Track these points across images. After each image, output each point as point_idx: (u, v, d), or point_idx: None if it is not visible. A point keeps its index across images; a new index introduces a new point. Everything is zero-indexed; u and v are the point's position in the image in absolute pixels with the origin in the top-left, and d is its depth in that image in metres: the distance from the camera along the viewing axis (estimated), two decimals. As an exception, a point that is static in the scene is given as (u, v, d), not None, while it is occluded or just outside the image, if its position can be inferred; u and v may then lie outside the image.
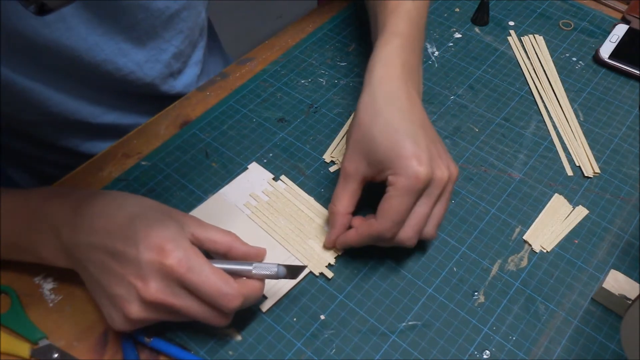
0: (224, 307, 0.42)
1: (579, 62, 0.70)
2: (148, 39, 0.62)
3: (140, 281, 0.42)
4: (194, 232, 0.45)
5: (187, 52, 0.69)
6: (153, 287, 0.41)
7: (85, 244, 0.44)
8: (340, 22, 0.75)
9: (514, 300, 0.50)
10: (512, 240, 0.54)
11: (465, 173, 0.59)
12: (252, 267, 0.45)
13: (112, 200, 0.46)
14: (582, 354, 0.48)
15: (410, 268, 0.52)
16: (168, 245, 0.42)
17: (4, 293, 0.50)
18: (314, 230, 0.54)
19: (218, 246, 0.46)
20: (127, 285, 0.42)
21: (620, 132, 0.63)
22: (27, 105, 0.58)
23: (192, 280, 0.42)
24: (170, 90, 0.69)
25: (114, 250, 0.43)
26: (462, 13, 0.76)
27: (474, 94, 0.67)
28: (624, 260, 0.53)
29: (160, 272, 0.42)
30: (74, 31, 0.55)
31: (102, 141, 0.68)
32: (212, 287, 0.42)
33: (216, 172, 0.59)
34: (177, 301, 0.42)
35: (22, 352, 0.47)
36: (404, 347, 0.48)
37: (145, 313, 0.42)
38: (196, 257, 0.42)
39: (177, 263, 0.41)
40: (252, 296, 0.44)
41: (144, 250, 0.42)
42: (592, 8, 0.77)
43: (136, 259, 0.42)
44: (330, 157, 0.60)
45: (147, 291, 0.41)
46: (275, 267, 0.45)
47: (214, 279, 0.42)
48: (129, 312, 0.42)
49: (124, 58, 0.61)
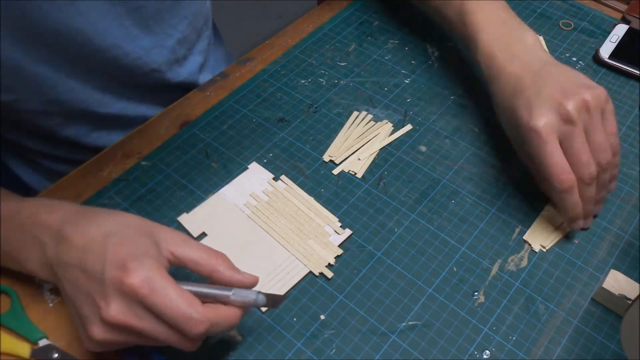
0: (188, 332, 0.40)
1: (579, 62, 0.70)
2: (155, 23, 0.63)
3: (103, 300, 0.40)
4: (174, 251, 0.43)
5: (191, 38, 0.69)
6: (113, 308, 0.39)
7: (64, 262, 0.42)
8: (340, 22, 0.75)
9: (514, 300, 0.50)
10: (512, 240, 0.54)
11: (465, 173, 0.59)
12: (231, 293, 0.42)
13: (94, 217, 0.44)
14: (582, 354, 0.48)
15: (410, 268, 0.52)
16: (131, 263, 0.40)
17: (4, 293, 0.50)
18: (313, 230, 0.54)
19: (200, 268, 0.43)
20: (93, 304, 0.40)
21: (620, 132, 0.63)
22: (36, 91, 0.58)
23: (153, 302, 0.39)
24: (175, 77, 0.69)
25: (84, 267, 0.41)
26: (462, 13, 0.76)
27: (474, 94, 0.67)
28: (624, 260, 0.53)
29: (121, 291, 0.39)
30: (85, 15, 0.55)
31: (108, 132, 0.68)
32: (175, 310, 0.39)
33: (216, 172, 0.59)
34: (139, 324, 0.40)
35: (22, 352, 0.47)
36: (404, 347, 0.48)
37: (108, 334, 0.40)
38: (160, 278, 0.40)
39: (139, 283, 0.39)
40: (222, 323, 0.42)
41: (108, 268, 0.40)
42: (592, 8, 0.77)
43: (101, 277, 0.40)
44: (329, 157, 0.60)
45: (108, 312, 0.39)
46: (254, 294, 0.43)
47: (178, 301, 0.39)
48: (91, 333, 0.40)
49: (131, 43, 0.61)
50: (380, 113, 0.64)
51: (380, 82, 0.68)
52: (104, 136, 0.68)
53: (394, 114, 0.64)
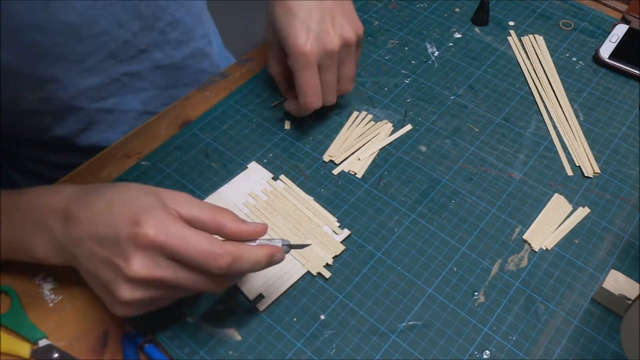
0: (213, 267, 0.40)
1: (579, 62, 0.70)
2: (145, 8, 0.63)
3: (122, 260, 0.40)
4: (179, 209, 0.43)
5: (185, 21, 0.69)
6: (135, 263, 0.40)
7: (75, 238, 0.43)
8: (340, 22, 0.75)
9: (514, 300, 0.50)
10: (512, 240, 0.54)
11: (465, 173, 0.59)
12: (254, 244, 0.43)
13: (97, 190, 0.45)
14: (582, 354, 0.48)
15: (410, 268, 0.52)
16: (142, 216, 0.40)
17: (4, 293, 0.50)
18: (312, 230, 0.54)
19: (207, 225, 0.43)
20: (112, 267, 0.41)
21: (620, 132, 0.63)
22: (29, 91, 0.58)
23: (172, 246, 0.40)
24: (166, 59, 0.68)
25: (96, 235, 0.42)
26: (462, 13, 0.76)
27: (474, 94, 0.67)
28: (624, 260, 0.53)
29: (139, 245, 0.40)
30: (72, 7, 0.55)
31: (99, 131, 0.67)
32: (195, 249, 0.40)
33: (216, 172, 0.59)
34: (164, 273, 0.40)
35: (22, 352, 0.47)
36: (404, 347, 0.48)
37: (137, 292, 0.41)
38: (174, 224, 0.40)
39: (154, 232, 0.39)
40: (247, 259, 0.42)
41: (120, 227, 0.40)
42: (592, 8, 0.77)
43: (115, 238, 0.40)
44: (329, 157, 0.60)
45: (130, 268, 0.40)
46: (279, 242, 0.44)
47: (196, 240, 0.40)
48: (120, 295, 0.41)
49: (120, 29, 0.61)
50: (380, 113, 0.64)
51: (380, 82, 0.68)
52: (95, 135, 0.67)
53: (394, 114, 0.64)
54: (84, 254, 0.43)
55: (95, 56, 0.61)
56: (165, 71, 0.69)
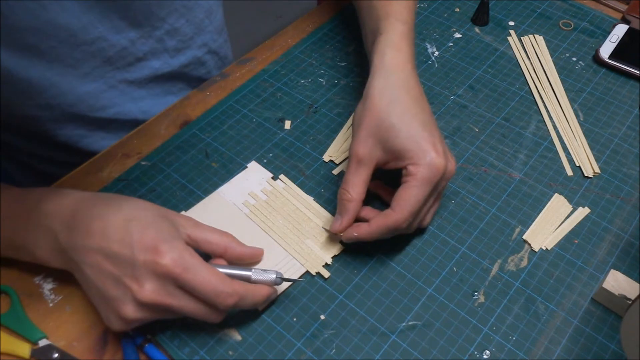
0: (220, 304, 0.43)
1: (579, 62, 0.70)
2: (143, 17, 0.62)
3: (135, 283, 0.42)
4: (190, 233, 0.46)
5: (184, 30, 0.68)
6: (148, 288, 0.42)
7: (81, 246, 0.44)
8: (340, 22, 0.75)
9: (514, 300, 0.50)
10: (512, 240, 0.54)
11: (465, 173, 0.59)
12: (251, 273, 0.46)
13: (109, 202, 0.46)
14: (582, 354, 0.48)
15: (410, 268, 0.52)
16: (162, 246, 0.43)
17: (4, 293, 0.50)
18: (311, 230, 0.54)
19: (214, 247, 0.47)
20: (122, 286, 0.43)
21: (620, 132, 0.63)
22: (27, 97, 0.58)
23: (187, 279, 0.42)
24: (163, 67, 0.68)
25: (109, 252, 0.43)
26: (462, 13, 0.76)
27: (474, 94, 0.67)
28: (624, 260, 0.53)
29: (155, 272, 0.42)
30: (69, 11, 0.55)
31: (102, 137, 0.67)
32: (207, 285, 0.43)
33: (216, 172, 0.59)
34: (172, 301, 0.43)
35: (22, 352, 0.47)
36: (404, 347, 0.48)
37: (141, 313, 0.43)
38: (191, 257, 0.43)
39: (172, 263, 0.42)
40: (250, 297, 0.45)
41: (139, 252, 0.42)
42: (592, 8, 0.77)
43: (131, 261, 0.42)
44: (329, 157, 0.60)
45: (142, 292, 0.42)
46: (273, 274, 0.47)
47: (210, 278, 0.43)
48: (124, 313, 0.43)
49: (117, 35, 0.61)
50: (380, 113, 0.64)
51: (380, 82, 0.67)
52: (98, 141, 0.67)
53: (394, 114, 0.64)
54: (90, 265, 0.44)
55: (91, 62, 0.61)
56: (163, 79, 0.69)
